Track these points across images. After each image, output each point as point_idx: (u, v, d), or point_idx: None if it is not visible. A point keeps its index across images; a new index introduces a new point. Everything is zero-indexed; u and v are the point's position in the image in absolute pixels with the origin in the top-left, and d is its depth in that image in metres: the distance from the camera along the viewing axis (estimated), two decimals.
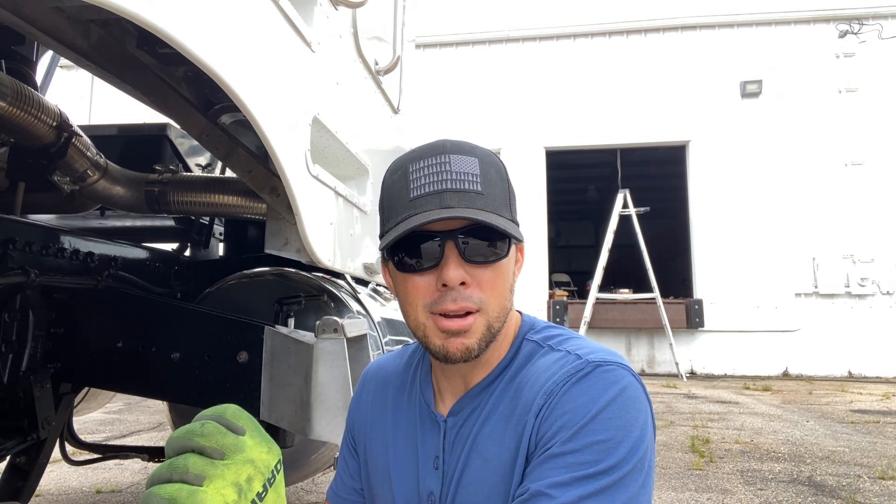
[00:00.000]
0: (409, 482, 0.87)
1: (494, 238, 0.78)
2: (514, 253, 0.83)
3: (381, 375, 1.01)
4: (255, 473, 0.58)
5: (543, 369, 0.80)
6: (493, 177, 0.80)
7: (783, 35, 11.81)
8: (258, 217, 2.11)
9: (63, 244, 1.72)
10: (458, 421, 0.85)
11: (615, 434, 0.71)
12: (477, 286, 0.78)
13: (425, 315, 0.79)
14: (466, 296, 0.77)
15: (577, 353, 0.79)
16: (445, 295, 0.77)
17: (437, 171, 0.78)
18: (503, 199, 0.80)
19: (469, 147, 0.82)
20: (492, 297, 0.79)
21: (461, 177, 0.78)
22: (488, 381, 0.85)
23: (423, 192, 0.78)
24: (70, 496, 3.47)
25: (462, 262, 0.77)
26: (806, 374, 10.92)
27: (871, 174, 11.19)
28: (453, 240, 0.77)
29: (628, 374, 0.76)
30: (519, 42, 12.77)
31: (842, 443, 5.05)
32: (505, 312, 0.81)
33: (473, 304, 0.77)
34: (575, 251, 19.44)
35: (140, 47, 1.53)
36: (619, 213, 10.87)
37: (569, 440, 0.71)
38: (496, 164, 0.83)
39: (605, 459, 0.69)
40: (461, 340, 0.78)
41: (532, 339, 0.86)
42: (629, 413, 0.73)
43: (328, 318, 1.53)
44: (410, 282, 0.80)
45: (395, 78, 2.63)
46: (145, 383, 1.71)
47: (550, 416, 0.74)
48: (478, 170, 0.79)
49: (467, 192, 0.77)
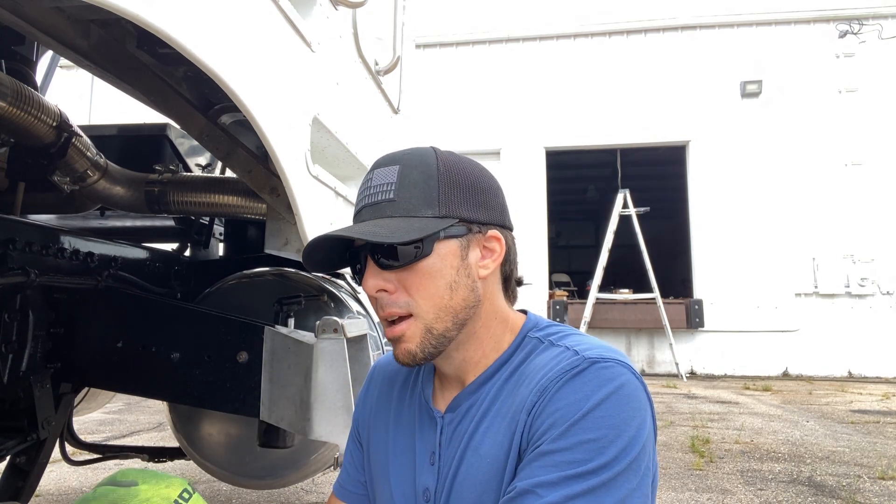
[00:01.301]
0: (406, 477, 0.87)
1: (408, 242, 0.78)
2: (451, 249, 0.80)
3: (388, 371, 1.02)
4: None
5: (541, 365, 0.79)
6: (413, 178, 0.80)
7: (783, 35, 11.81)
8: (258, 217, 2.11)
9: (63, 244, 1.72)
10: (456, 417, 0.85)
11: (607, 433, 0.69)
12: (403, 290, 0.80)
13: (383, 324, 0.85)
14: (391, 302, 0.81)
15: (574, 348, 0.78)
16: (376, 303, 0.83)
17: (364, 188, 0.84)
18: (425, 197, 0.79)
19: (395, 157, 0.83)
20: (421, 298, 0.79)
21: (377, 189, 0.81)
22: (486, 377, 0.85)
23: (356, 211, 0.84)
24: (70, 496, 3.47)
25: (379, 271, 0.81)
26: (806, 374, 10.92)
27: (871, 174, 11.19)
28: (367, 252, 0.81)
29: (627, 371, 0.74)
30: (519, 42, 12.77)
31: (842, 443, 5.05)
32: (448, 312, 0.80)
33: (399, 309, 0.80)
34: (575, 251, 19.43)
35: (140, 47, 1.53)
36: (619, 213, 10.87)
37: (559, 438, 0.70)
38: (424, 163, 0.81)
39: (594, 459, 0.67)
40: (404, 346, 0.81)
41: (534, 336, 0.86)
42: (624, 412, 0.70)
43: (328, 318, 1.54)
44: None
45: (395, 78, 2.63)
46: (145, 383, 1.71)
47: (543, 412, 0.73)
48: (395, 178, 0.80)
49: (379, 203, 0.80)
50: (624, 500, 0.67)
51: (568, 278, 15.33)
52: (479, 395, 0.84)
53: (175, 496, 0.69)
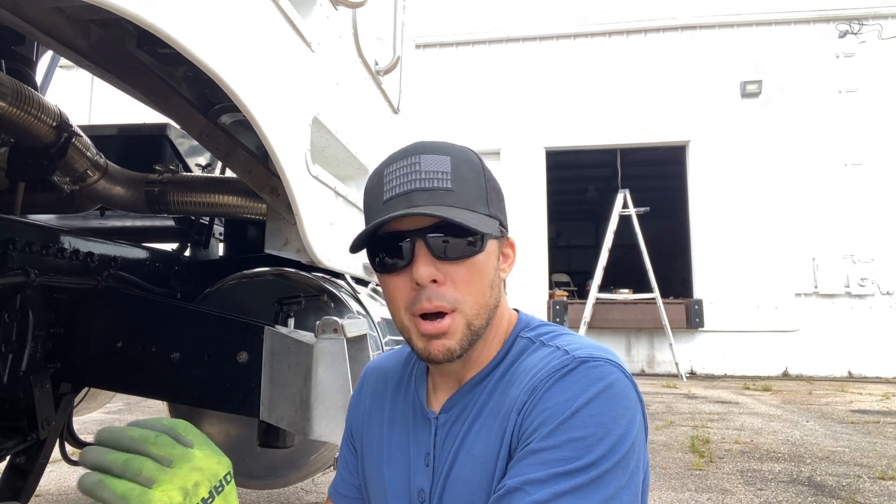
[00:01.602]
0: (401, 479, 0.87)
1: (465, 234, 0.77)
2: (493, 248, 0.82)
3: (380, 373, 1.01)
4: (202, 480, 0.63)
5: (531, 365, 0.79)
6: (466, 174, 0.80)
7: (783, 35, 11.81)
8: (258, 217, 2.11)
9: (63, 244, 1.72)
10: (450, 418, 0.85)
11: (596, 431, 0.69)
12: (451, 284, 0.78)
13: (408, 317, 0.80)
14: (440, 294, 0.77)
15: (565, 348, 0.78)
16: (420, 294, 0.78)
17: (407, 171, 0.79)
18: (478, 194, 0.80)
19: (442, 146, 0.82)
20: (467, 294, 0.78)
21: (430, 175, 0.78)
22: (479, 378, 0.85)
23: (394, 194, 0.79)
24: (70, 496, 3.47)
25: (432, 260, 0.77)
26: (806, 375, 10.92)
27: (870, 174, 11.19)
28: (422, 238, 0.77)
29: (616, 370, 0.74)
30: (519, 42, 12.77)
31: (842, 443, 5.05)
32: (486, 310, 0.81)
33: (447, 303, 0.77)
34: (575, 251, 19.43)
35: (140, 47, 1.53)
36: (619, 213, 10.87)
37: (548, 436, 0.70)
38: (471, 160, 0.82)
39: (583, 457, 0.67)
40: (442, 342, 0.78)
41: (525, 336, 0.86)
42: (613, 410, 0.71)
43: (328, 318, 1.53)
44: (391, 283, 0.82)
45: (395, 78, 2.63)
46: (145, 383, 1.71)
47: (532, 411, 0.73)
48: (449, 167, 0.79)
49: (436, 189, 0.77)
50: (612, 497, 0.67)
51: (568, 278, 15.33)
52: (472, 396, 0.84)
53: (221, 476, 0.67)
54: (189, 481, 0.62)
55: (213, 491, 0.65)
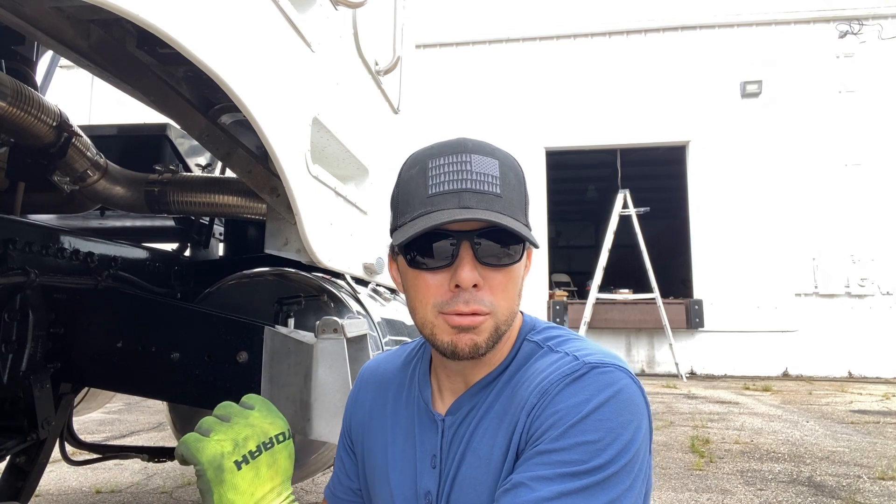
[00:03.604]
0: (406, 481, 0.87)
1: (509, 242, 0.78)
2: (525, 258, 0.83)
3: (378, 375, 1.00)
4: (252, 435, 0.77)
5: (541, 370, 0.80)
6: (511, 180, 0.80)
7: (783, 35, 11.81)
8: (258, 217, 2.11)
9: (63, 244, 1.72)
10: (456, 420, 0.85)
11: (605, 436, 0.70)
12: (489, 289, 0.77)
13: (434, 314, 0.78)
14: (478, 298, 0.76)
15: (574, 354, 0.79)
16: (458, 296, 0.77)
17: (457, 169, 0.77)
18: (520, 203, 0.80)
19: (490, 148, 0.81)
20: (502, 300, 0.78)
21: (481, 178, 0.77)
22: (488, 381, 0.85)
23: (442, 190, 0.77)
24: (70, 496, 3.47)
25: (476, 265, 0.77)
26: (806, 375, 10.92)
27: (870, 174, 11.20)
28: (469, 241, 0.76)
29: (625, 376, 0.75)
30: (519, 42, 12.77)
31: (841, 443, 5.05)
32: (513, 316, 0.81)
33: (485, 307, 0.77)
34: (575, 251, 19.44)
35: (140, 47, 1.53)
36: (619, 213, 10.88)
37: (557, 438, 0.71)
38: (515, 167, 0.82)
39: (591, 460, 0.68)
40: (471, 336, 0.77)
41: (532, 340, 0.86)
42: (622, 416, 0.72)
43: (328, 318, 1.53)
44: (422, 279, 0.79)
45: (395, 78, 2.63)
46: (145, 383, 1.71)
47: (542, 414, 0.74)
48: (497, 172, 0.78)
49: (486, 193, 0.76)
50: (616, 499, 0.68)
51: (568, 278, 15.34)
52: (479, 398, 0.84)
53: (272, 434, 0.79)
54: (240, 434, 0.76)
55: (262, 446, 0.77)
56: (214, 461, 0.73)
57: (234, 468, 0.73)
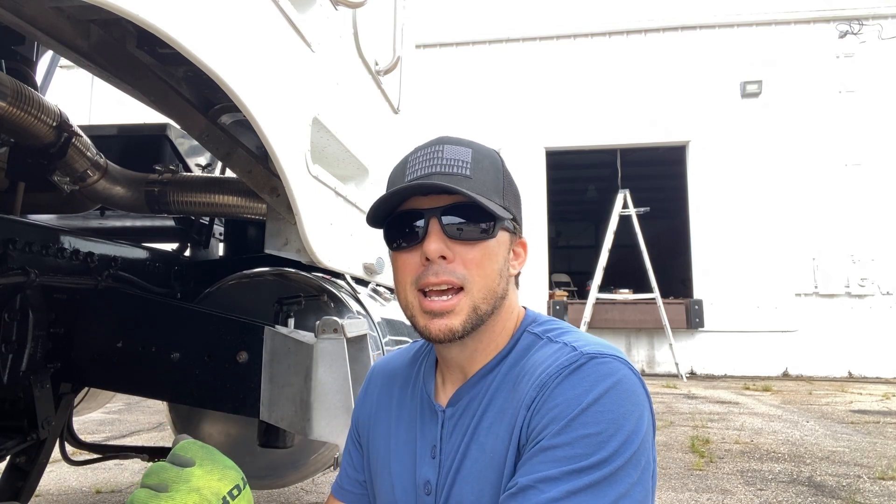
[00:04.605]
0: (406, 471, 0.88)
1: (479, 219, 0.80)
2: (505, 240, 0.84)
3: (388, 370, 1.02)
4: (201, 501, 0.62)
5: (540, 361, 0.80)
6: (485, 165, 0.83)
7: (783, 35, 11.81)
8: (258, 217, 2.11)
9: (63, 244, 1.72)
10: (457, 411, 0.85)
11: (607, 427, 0.69)
12: (461, 263, 0.80)
13: (413, 293, 0.82)
14: (449, 270, 0.79)
15: (572, 344, 0.79)
16: (428, 269, 0.80)
17: (429, 157, 0.82)
18: (494, 185, 0.83)
19: (466, 141, 0.86)
20: (476, 275, 0.80)
21: (451, 162, 0.81)
22: (486, 371, 0.85)
23: (415, 177, 0.82)
24: (70, 496, 3.47)
25: (444, 238, 0.80)
26: (806, 375, 10.92)
27: (870, 174, 11.19)
28: (436, 216, 0.80)
29: (624, 366, 0.75)
30: (519, 42, 12.77)
31: (842, 443, 5.05)
32: (493, 296, 0.82)
33: (456, 279, 0.79)
34: (575, 251, 19.44)
35: (140, 47, 1.53)
36: (619, 213, 10.87)
37: (559, 433, 0.70)
38: (491, 156, 0.86)
39: (595, 453, 0.68)
40: (444, 322, 0.79)
41: (532, 332, 0.87)
42: (623, 406, 0.71)
43: (328, 318, 1.53)
44: (400, 260, 0.84)
45: (395, 78, 2.63)
46: (145, 383, 1.71)
47: (542, 408, 0.73)
48: (469, 158, 0.82)
49: (455, 175, 0.80)
50: (626, 494, 0.67)
51: (568, 278, 15.34)
52: (479, 389, 0.84)
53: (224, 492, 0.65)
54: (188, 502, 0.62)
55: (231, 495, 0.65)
56: None
57: None
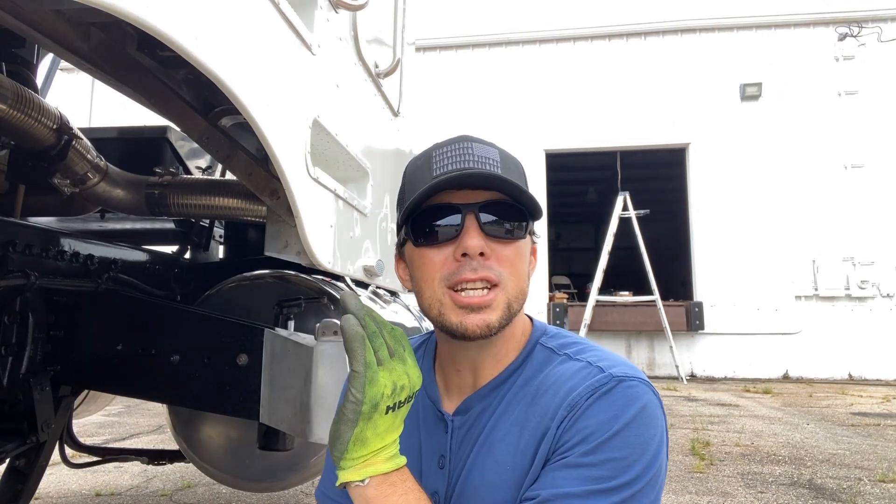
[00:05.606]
0: None
1: (513, 217, 0.80)
2: (528, 242, 0.85)
3: None
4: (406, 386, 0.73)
5: (565, 378, 0.80)
6: (511, 166, 0.84)
7: (783, 38, 11.83)
8: (258, 219, 2.11)
9: (63, 247, 1.72)
10: (467, 420, 0.84)
11: (632, 452, 0.72)
12: (496, 260, 0.79)
13: (441, 290, 0.79)
14: (487, 266, 0.78)
15: (598, 364, 0.80)
16: (464, 265, 0.77)
17: (459, 153, 0.81)
18: (522, 185, 0.84)
19: (489, 142, 0.87)
20: (511, 275, 0.79)
21: (483, 160, 0.81)
22: (499, 381, 0.84)
23: (446, 171, 0.79)
24: (69, 499, 3.46)
25: (482, 235, 0.78)
26: (806, 377, 10.90)
27: (870, 177, 11.19)
28: (473, 212, 0.78)
29: (649, 390, 0.78)
30: (519, 45, 12.78)
31: (842, 446, 5.04)
32: (522, 296, 0.82)
33: (494, 275, 0.77)
34: (575, 254, 19.42)
35: (140, 50, 1.53)
36: (619, 215, 10.87)
37: (588, 453, 0.72)
38: (514, 159, 0.87)
39: (619, 476, 0.70)
40: (482, 317, 0.77)
41: (546, 346, 0.86)
42: (647, 431, 0.74)
43: (328, 320, 1.53)
44: (427, 257, 0.80)
45: (395, 81, 2.63)
46: (145, 386, 1.71)
47: (573, 427, 0.75)
48: (498, 157, 0.83)
49: (489, 171, 0.80)
50: None
51: (568, 281, 15.33)
52: (491, 399, 0.84)
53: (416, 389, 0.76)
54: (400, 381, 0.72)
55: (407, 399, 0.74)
56: (375, 399, 0.70)
57: (384, 412, 0.71)
